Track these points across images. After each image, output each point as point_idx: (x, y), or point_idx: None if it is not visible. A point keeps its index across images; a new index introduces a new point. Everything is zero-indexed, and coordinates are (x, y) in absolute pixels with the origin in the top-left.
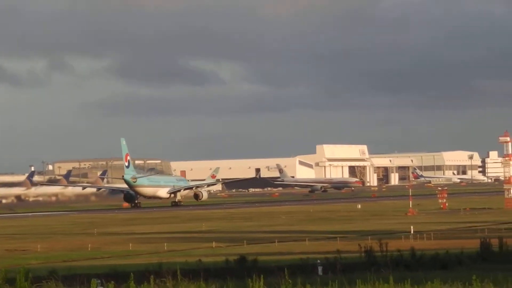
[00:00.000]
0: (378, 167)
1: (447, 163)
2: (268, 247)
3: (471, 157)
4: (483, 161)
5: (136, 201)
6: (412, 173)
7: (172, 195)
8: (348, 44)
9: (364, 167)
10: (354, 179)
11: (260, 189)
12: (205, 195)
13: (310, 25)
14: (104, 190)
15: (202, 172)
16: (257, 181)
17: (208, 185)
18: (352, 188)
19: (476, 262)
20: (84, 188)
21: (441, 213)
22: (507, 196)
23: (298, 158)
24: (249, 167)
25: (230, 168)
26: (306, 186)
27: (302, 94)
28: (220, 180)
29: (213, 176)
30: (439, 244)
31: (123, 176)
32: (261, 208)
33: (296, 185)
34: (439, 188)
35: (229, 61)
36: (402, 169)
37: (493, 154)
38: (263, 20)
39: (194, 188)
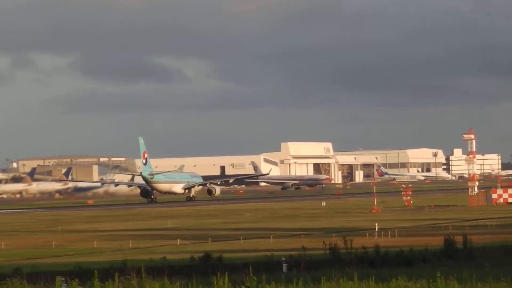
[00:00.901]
0: (343, 165)
1: (411, 160)
2: (233, 245)
3: (435, 155)
4: (448, 159)
5: (152, 197)
6: (377, 170)
7: (187, 190)
8: (313, 40)
9: (328, 165)
10: (325, 176)
11: (225, 187)
12: (218, 191)
13: (275, 22)
14: (133, 187)
15: (166, 169)
16: (222, 178)
17: (222, 181)
18: (323, 185)
19: (440, 259)
20: (116, 185)
21: (405, 210)
22: (471, 194)
23: (263, 156)
24: (214, 165)
25: (195, 165)
26: (279, 183)
27: (267, 91)
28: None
29: None
30: (404, 241)
31: (141, 172)
32: (226, 206)
33: (269, 182)
34: (404, 186)
35: (194, 58)
36: (366, 166)
37: (457, 152)
38: (228, 17)
39: (208, 184)
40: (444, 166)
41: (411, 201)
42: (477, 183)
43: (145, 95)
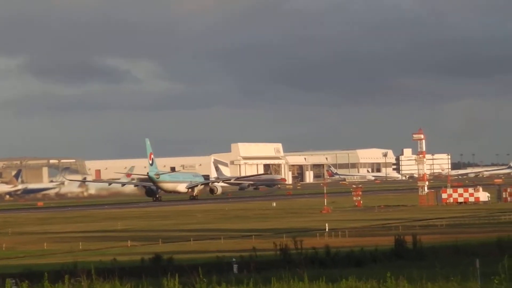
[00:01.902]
0: (293, 165)
1: (361, 160)
2: (184, 246)
3: (385, 155)
4: (397, 159)
5: (157, 196)
6: (327, 170)
7: (190, 189)
8: (263, 39)
9: (279, 165)
10: (279, 176)
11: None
12: (219, 190)
13: (224, 21)
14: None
15: (117, 171)
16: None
17: (223, 180)
18: (278, 185)
19: (390, 259)
20: (123, 185)
21: (355, 210)
22: (421, 194)
23: (213, 157)
24: (164, 166)
25: (145, 167)
26: (237, 184)
27: (216, 91)
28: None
29: (128, 175)
30: (354, 242)
31: (147, 173)
32: (177, 207)
33: (228, 183)
34: (354, 186)
35: (144, 59)
36: (316, 167)
37: (407, 152)
38: (176, 17)
39: (210, 184)
40: (394, 166)
41: (361, 201)
42: (427, 183)
43: (95, 96)
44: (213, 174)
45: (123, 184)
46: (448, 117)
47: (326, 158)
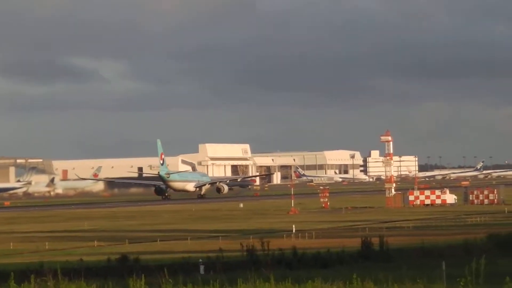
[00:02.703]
0: (261, 166)
1: (329, 162)
2: (150, 246)
3: (352, 156)
4: (365, 160)
5: (166, 194)
6: (294, 172)
7: (198, 188)
8: (232, 39)
9: (246, 166)
10: (250, 177)
11: (145, 189)
12: (226, 189)
13: (191, 21)
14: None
15: (84, 171)
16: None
17: (230, 180)
18: (249, 186)
19: (357, 261)
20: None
21: (323, 212)
22: (388, 195)
23: (180, 157)
24: (132, 166)
25: (113, 167)
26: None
27: (184, 91)
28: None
29: (95, 175)
30: (321, 243)
31: (158, 172)
32: (144, 207)
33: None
34: (321, 187)
35: (111, 59)
36: (284, 168)
37: (375, 153)
38: (144, 17)
39: (217, 183)
40: (362, 168)
41: (328, 203)
42: (394, 184)
43: (62, 96)
44: None
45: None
46: (416, 119)
47: (294, 159)
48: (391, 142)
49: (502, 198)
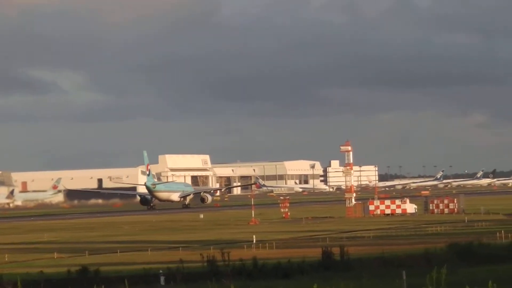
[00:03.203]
0: (221, 177)
1: (289, 172)
2: (111, 258)
3: (312, 166)
4: (325, 170)
5: (151, 204)
6: (254, 182)
7: (182, 198)
8: (191, 51)
9: (206, 177)
10: (215, 188)
11: (102, 200)
12: (210, 199)
13: (152, 32)
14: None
15: (43, 183)
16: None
17: (214, 190)
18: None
19: (317, 271)
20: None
21: (283, 222)
22: (348, 205)
23: (140, 168)
24: (91, 177)
25: (72, 178)
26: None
27: (143, 103)
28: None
29: (54, 187)
30: (282, 253)
31: (145, 182)
32: (103, 218)
33: None
34: (281, 198)
35: (70, 70)
36: (244, 178)
37: (335, 163)
38: (104, 28)
39: (201, 193)
40: (322, 178)
41: (289, 213)
42: (354, 194)
43: (21, 108)
44: (141, 187)
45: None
46: (376, 129)
47: (254, 170)
48: (351, 152)
49: (462, 207)
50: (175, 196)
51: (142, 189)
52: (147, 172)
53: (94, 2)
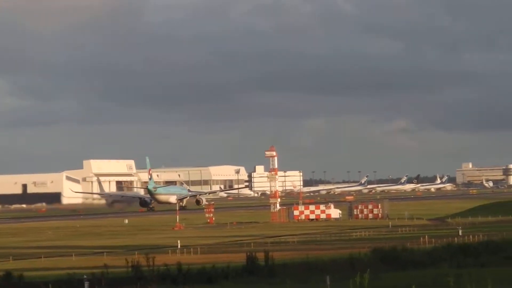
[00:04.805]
0: (145, 182)
1: (214, 177)
2: (35, 263)
3: (237, 172)
4: (250, 176)
5: (150, 206)
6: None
7: (179, 201)
8: (117, 59)
9: (131, 182)
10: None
11: (26, 205)
12: (204, 201)
13: (78, 39)
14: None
15: None
16: (24, 196)
17: (209, 193)
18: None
19: (242, 276)
20: (122, 196)
21: (208, 227)
22: (273, 210)
23: (65, 174)
24: (16, 183)
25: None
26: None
27: (69, 108)
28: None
29: None
30: (206, 258)
31: (147, 186)
32: (27, 224)
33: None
34: (206, 203)
35: None
36: (169, 183)
37: (260, 169)
38: (29, 34)
39: (197, 196)
40: (247, 183)
41: (213, 218)
42: (279, 199)
43: None
44: (65, 191)
45: (122, 196)
46: (300, 135)
47: (179, 175)
48: (275, 157)
49: (386, 212)
50: (173, 199)
51: (68, 194)
52: (149, 177)
53: (19, 8)
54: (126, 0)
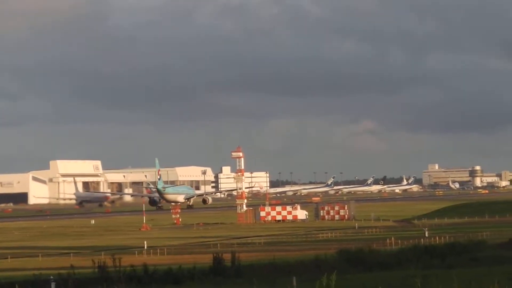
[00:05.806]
0: (112, 183)
1: (180, 178)
2: (1, 263)
3: (204, 172)
4: (216, 176)
5: (159, 205)
6: (146, 188)
7: (187, 200)
8: (83, 60)
9: (98, 183)
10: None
11: None
12: (210, 200)
13: (43, 40)
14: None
15: None
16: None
17: (214, 193)
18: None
19: (208, 277)
20: (132, 196)
21: (174, 228)
22: (239, 211)
23: (31, 174)
24: None
25: None
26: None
27: (36, 109)
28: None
29: None
30: (173, 259)
31: (156, 186)
32: None
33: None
34: (173, 204)
35: None
36: (136, 184)
37: (226, 169)
38: None
39: (204, 195)
40: (213, 184)
41: (180, 219)
42: (245, 200)
43: None
44: (32, 192)
45: (132, 195)
46: (266, 136)
47: (146, 176)
48: (242, 158)
49: (353, 213)
50: (180, 198)
51: (33, 193)
52: (158, 177)
53: None
54: (92, 3)
